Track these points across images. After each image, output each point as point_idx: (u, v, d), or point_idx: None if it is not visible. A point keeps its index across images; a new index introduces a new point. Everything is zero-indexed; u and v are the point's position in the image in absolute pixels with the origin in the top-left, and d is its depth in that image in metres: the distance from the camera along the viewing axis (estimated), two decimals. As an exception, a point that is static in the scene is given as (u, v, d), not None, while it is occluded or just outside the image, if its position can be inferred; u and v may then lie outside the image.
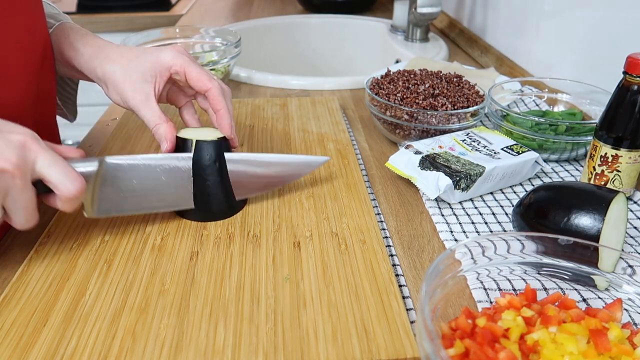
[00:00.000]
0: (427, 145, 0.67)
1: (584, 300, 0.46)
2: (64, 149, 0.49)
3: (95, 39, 0.62)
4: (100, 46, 0.61)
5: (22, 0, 0.56)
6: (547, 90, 0.84)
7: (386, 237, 0.57)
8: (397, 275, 0.51)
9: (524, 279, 0.48)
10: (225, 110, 0.60)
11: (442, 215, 0.60)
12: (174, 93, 0.64)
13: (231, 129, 0.60)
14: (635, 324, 0.44)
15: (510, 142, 0.69)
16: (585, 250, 0.45)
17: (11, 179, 0.42)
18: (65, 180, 0.45)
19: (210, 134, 0.58)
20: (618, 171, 0.59)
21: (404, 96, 0.73)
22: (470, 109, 0.71)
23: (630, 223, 0.59)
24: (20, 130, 0.44)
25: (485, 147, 0.67)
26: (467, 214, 0.61)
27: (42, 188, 0.46)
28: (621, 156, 0.58)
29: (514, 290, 0.48)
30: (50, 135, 0.67)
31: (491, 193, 0.65)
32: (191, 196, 0.56)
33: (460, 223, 0.59)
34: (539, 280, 0.48)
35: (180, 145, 0.57)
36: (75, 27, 0.64)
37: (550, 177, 0.69)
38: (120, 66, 0.59)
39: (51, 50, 0.62)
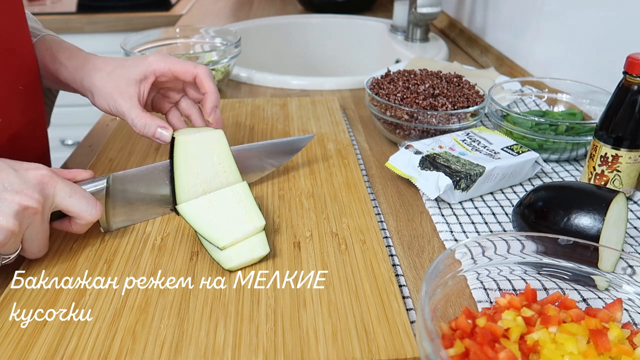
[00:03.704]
0: (427, 145, 0.67)
1: (584, 300, 0.46)
2: (74, 173, 0.52)
3: (78, 51, 0.63)
4: (84, 58, 0.62)
5: (14, 35, 0.56)
6: (547, 90, 0.84)
7: (386, 237, 0.57)
8: (397, 275, 0.51)
9: (524, 279, 0.48)
10: (212, 93, 0.61)
11: (442, 215, 0.60)
12: (158, 100, 0.66)
13: (212, 110, 0.61)
14: (635, 324, 0.44)
15: (510, 142, 0.69)
16: (585, 250, 0.45)
17: (33, 216, 0.45)
18: (87, 207, 0.48)
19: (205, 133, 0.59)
20: (618, 171, 0.59)
21: (404, 96, 0.73)
22: (470, 109, 0.71)
23: (630, 223, 0.59)
24: (35, 166, 0.46)
25: (485, 147, 0.67)
26: (467, 214, 0.61)
27: (55, 215, 0.49)
28: (621, 156, 0.58)
29: (514, 290, 0.48)
30: (41, 159, 0.68)
31: (491, 193, 0.65)
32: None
33: (460, 223, 0.59)
34: (539, 280, 0.48)
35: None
36: (56, 39, 0.64)
37: (550, 177, 0.69)
38: (106, 73, 0.60)
39: (39, 77, 0.62)
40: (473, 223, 0.59)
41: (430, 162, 0.63)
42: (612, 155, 0.59)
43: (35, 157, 0.64)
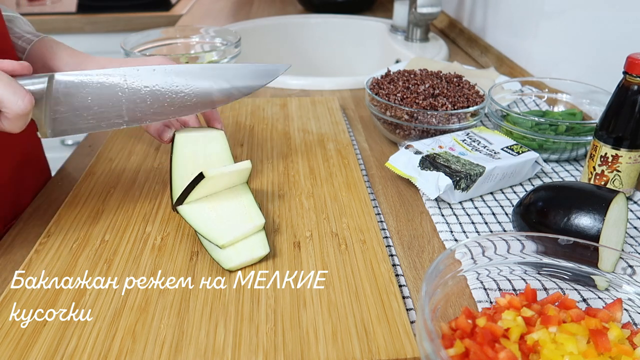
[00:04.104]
0: (427, 145, 0.67)
1: (584, 300, 0.46)
2: (7, 63, 0.47)
3: (79, 51, 0.64)
4: (86, 56, 0.63)
5: None
6: (547, 90, 0.84)
7: (386, 237, 0.57)
8: (397, 275, 0.51)
9: (524, 279, 0.48)
10: (212, 111, 0.61)
11: (442, 215, 0.60)
12: None
13: (220, 124, 0.62)
14: (635, 324, 0.44)
15: (510, 142, 0.69)
16: (585, 250, 0.45)
17: None
18: (13, 96, 0.43)
19: (209, 134, 0.59)
20: (618, 171, 0.59)
21: (404, 96, 0.73)
22: (470, 109, 0.71)
23: (630, 223, 0.59)
24: None
25: (485, 147, 0.67)
26: (467, 214, 0.61)
27: None
28: (621, 156, 0.58)
29: (514, 290, 0.48)
30: (39, 167, 0.68)
31: (491, 193, 0.65)
32: (151, 111, 0.54)
33: (460, 223, 0.59)
34: (539, 280, 0.48)
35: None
36: (57, 41, 0.65)
37: (550, 177, 0.69)
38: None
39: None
40: (473, 223, 0.59)
41: (430, 162, 0.63)
42: (612, 155, 0.59)
43: (25, 153, 0.64)
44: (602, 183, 0.61)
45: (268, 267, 0.50)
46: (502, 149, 0.66)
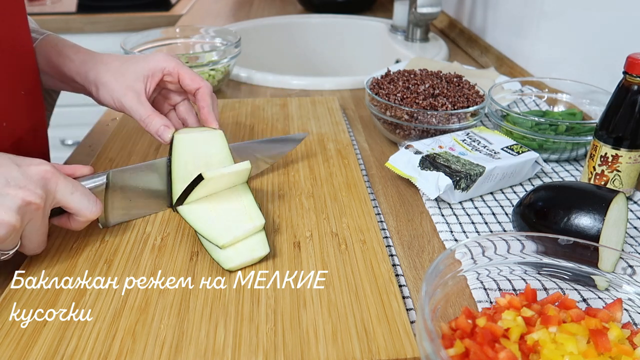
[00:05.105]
0: (427, 145, 0.67)
1: (584, 300, 0.46)
2: (73, 169, 0.52)
3: (84, 48, 0.64)
4: (91, 53, 0.63)
5: (17, 40, 0.56)
6: (547, 90, 0.84)
7: (386, 237, 0.57)
8: (397, 275, 0.51)
9: (524, 279, 0.48)
10: (208, 108, 0.62)
11: (442, 215, 0.60)
12: (159, 101, 0.66)
13: (216, 124, 0.63)
14: (635, 324, 0.44)
15: (510, 142, 0.69)
16: (585, 250, 0.45)
17: (35, 211, 0.45)
18: (88, 204, 0.49)
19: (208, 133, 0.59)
20: (618, 171, 0.59)
21: (404, 96, 0.73)
22: (470, 109, 0.71)
23: (630, 223, 0.59)
24: (38, 162, 0.47)
25: (485, 147, 0.67)
26: (467, 214, 0.61)
27: (54, 211, 0.49)
28: (621, 156, 0.58)
29: (514, 290, 0.48)
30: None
31: (491, 193, 0.65)
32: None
33: (460, 223, 0.59)
34: (539, 280, 0.48)
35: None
36: (61, 38, 0.65)
37: (550, 177, 0.69)
38: (114, 67, 0.61)
39: (40, 83, 0.62)
40: (473, 223, 0.59)
41: (430, 162, 0.63)
42: (612, 155, 0.59)
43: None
44: (602, 183, 0.61)
45: (268, 267, 0.50)
46: (502, 149, 0.66)
